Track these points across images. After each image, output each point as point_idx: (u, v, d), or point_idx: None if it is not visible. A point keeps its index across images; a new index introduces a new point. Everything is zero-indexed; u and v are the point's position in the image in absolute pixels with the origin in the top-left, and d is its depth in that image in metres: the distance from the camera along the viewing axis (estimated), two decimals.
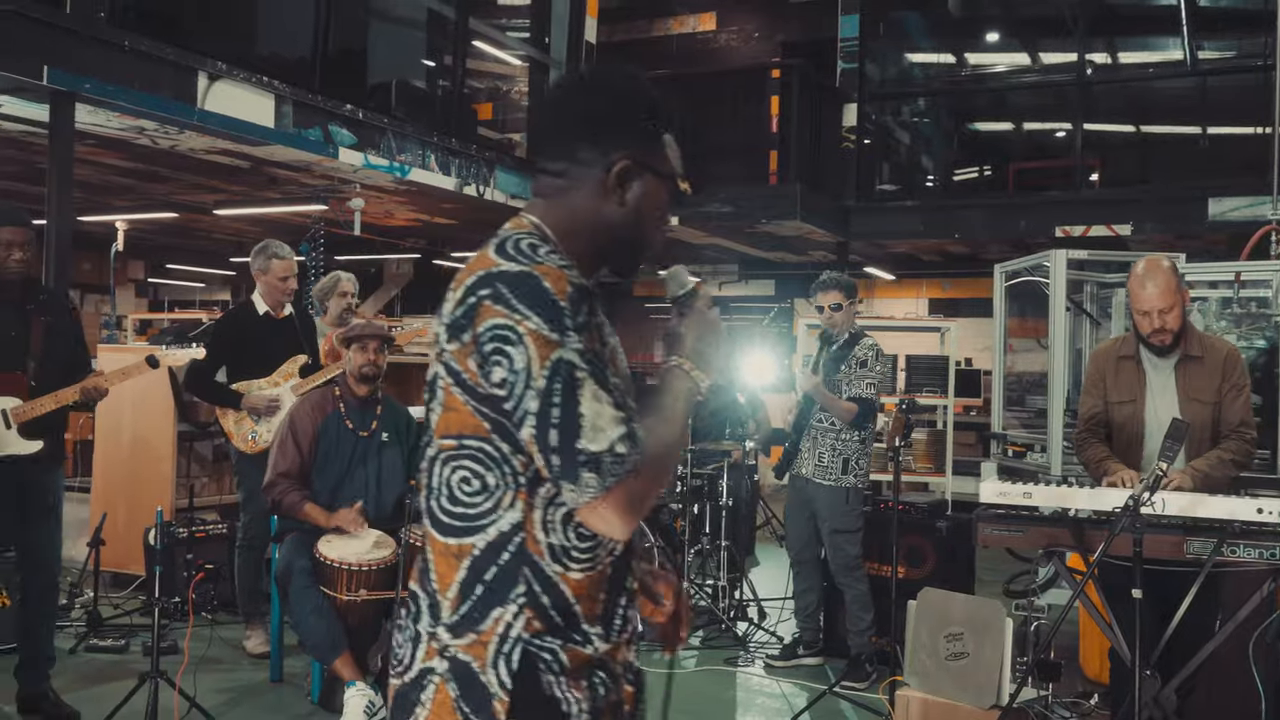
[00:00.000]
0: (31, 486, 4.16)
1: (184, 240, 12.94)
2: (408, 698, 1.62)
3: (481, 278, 1.57)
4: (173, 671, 4.01)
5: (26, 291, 4.19)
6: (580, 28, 9.44)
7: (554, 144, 1.72)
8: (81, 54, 5.55)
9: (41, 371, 4.12)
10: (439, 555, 1.62)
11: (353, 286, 5.99)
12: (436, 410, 1.62)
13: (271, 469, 4.62)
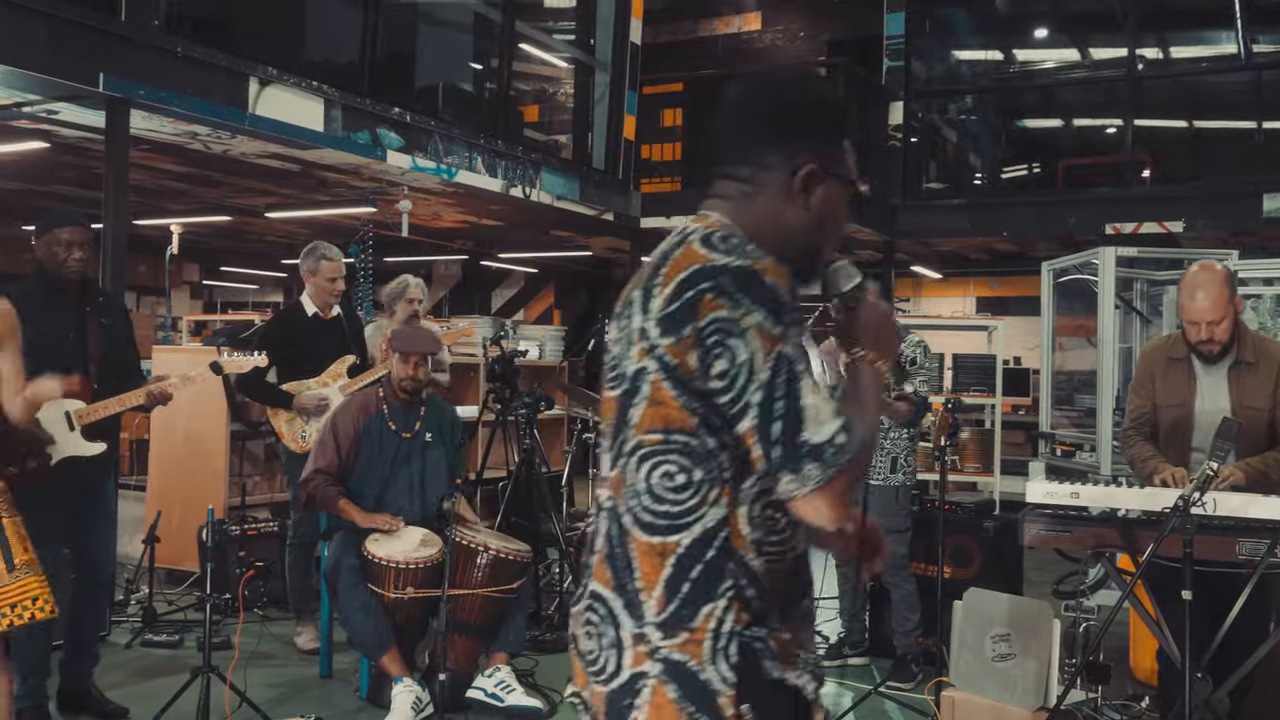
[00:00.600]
0: (90, 487, 4.23)
1: (237, 243, 13.15)
2: (619, 703, 1.63)
3: (698, 271, 1.58)
4: (224, 667, 4.08)
5: (84, 293, 4.26)
6: (625, 29, 9.46)
7: (738, 147, 1.75)
8: (136, 61, 5.66)
9: (101, 374, 4.18)
10: (642, 554, 1.62)
11: (420, 293, 6.06)
12: (640, 405, 1.62)
13: (310, 464, 4.71)
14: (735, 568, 1.60)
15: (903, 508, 5.21)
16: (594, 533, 1.75)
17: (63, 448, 4.05)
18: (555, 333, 9.60)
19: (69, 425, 4.06)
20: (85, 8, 5.43)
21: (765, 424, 1.53)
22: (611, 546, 1.66)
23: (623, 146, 9.53)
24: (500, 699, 4.48)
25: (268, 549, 5.95)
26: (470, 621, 4.51)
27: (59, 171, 8.39)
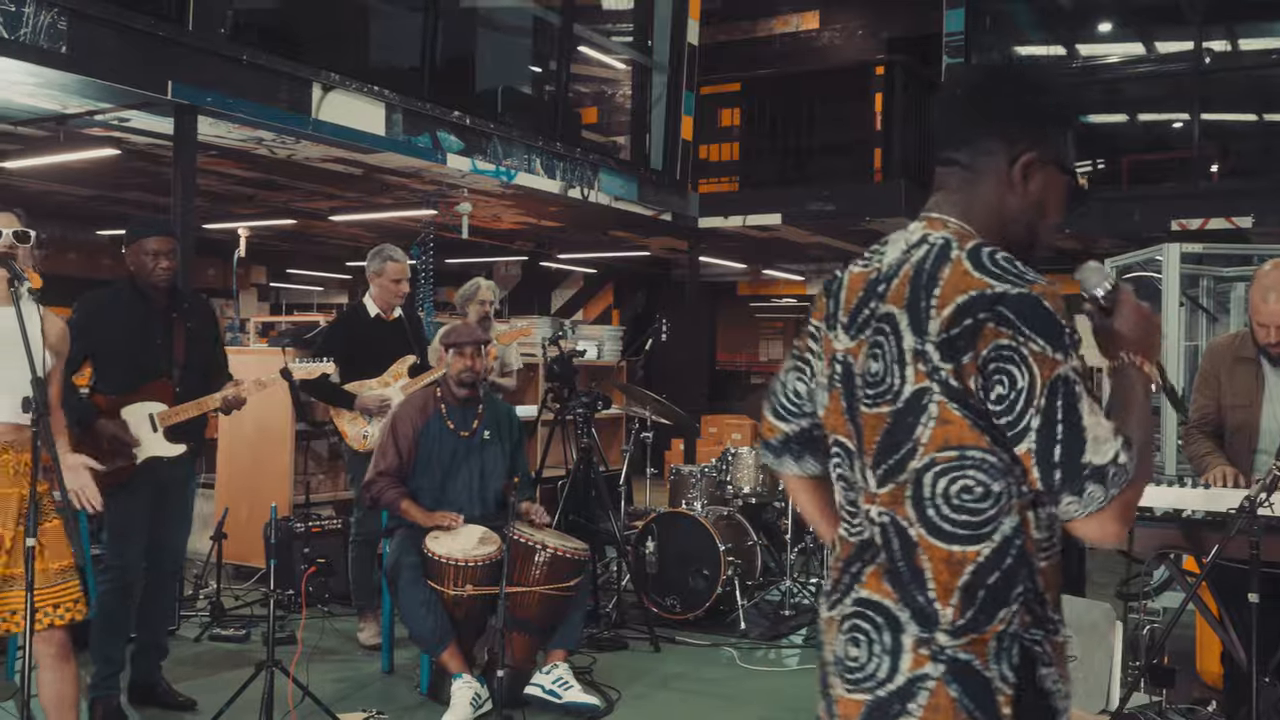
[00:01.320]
0: (169, 485, 4.34)
1: (302, 246, 13.38)
2: (890, 708, 1.65)
3: (976, 300, 1.59)
4: (288, 661, 4.16)
5: (171, 298, 4.37)
6: (683, 30, 9.47)
7: (959, 135, 1.78)
8: (203, 69, 5.79)
9: (184, 377, 4.30)
10: (938, 562, 1.64)
11: (492, 294, 6.14)
12: (928, 425, 1.64)
13: (372, 467, 4.79)
14: (1026, 571, 1.63)
15: None
16: (857, 545, 1.76)
17: (146, 448, 4.18)
18: (613, 332, 9.65)
19: (152, 427, 4.19)
20: (154, 18, 5.57)
21: (1045, 448, 1.55)
22: (894, 560, 1.67)
23: (680, 147, 9.54)
24: (558, 696, 4.51)
25: (331, 546, 6.06)
26: (528, 619, 4.55)
27: (130, 178, 8.59)
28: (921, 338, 1.62)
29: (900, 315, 1.65)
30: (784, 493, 6.27)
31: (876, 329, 1.70)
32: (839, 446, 1.80)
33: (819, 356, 1.85)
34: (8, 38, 4.93)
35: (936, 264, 1.65)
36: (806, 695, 4.95)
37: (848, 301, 1.77)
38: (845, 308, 1.78)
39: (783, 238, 10.67)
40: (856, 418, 1.74)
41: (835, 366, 1.78)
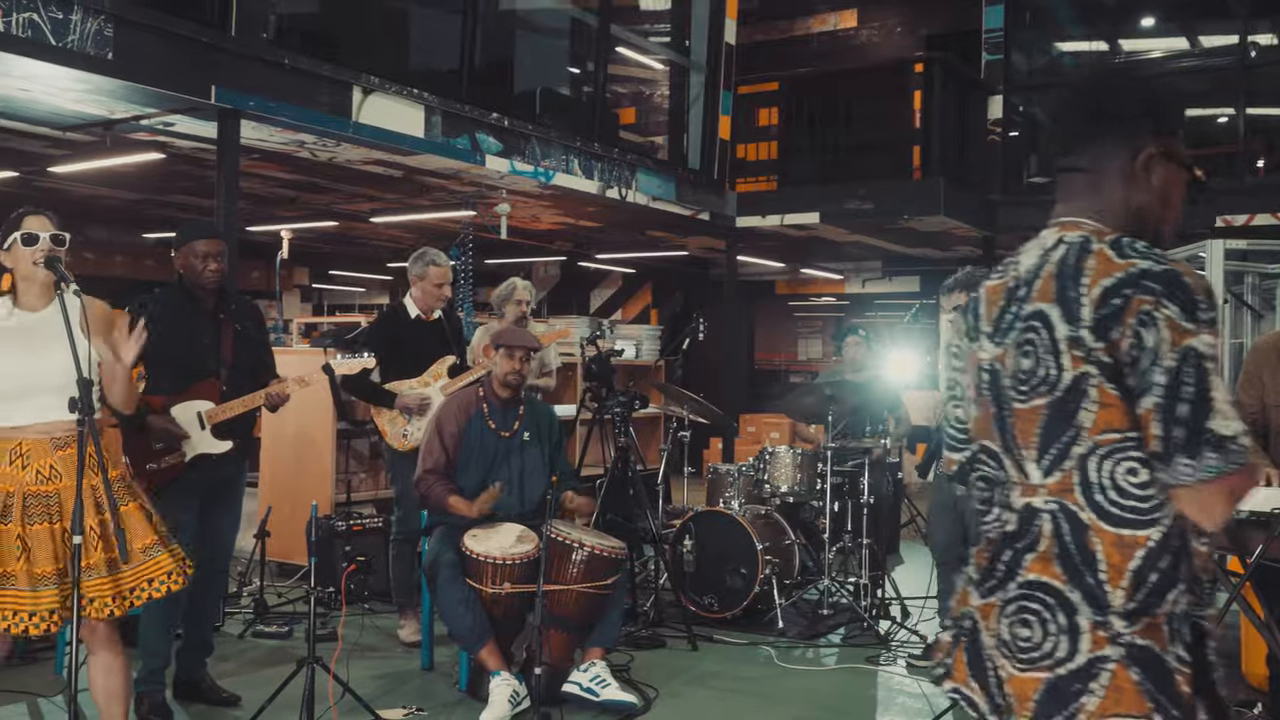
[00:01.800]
0: (219, 483, 4.42)
1: (344, 247, 13.52)
2: (1069, 688, 1.71)
3: (1123, 279, 1.68)
4: (330, 658, 4.21)
5: (220, 300, 4.45)
6: (720, 30, 9.47)
7: (1080, 141, 1.87)
8: (246, 73, 5.87)
9: (231, 376, 4.37)
10: (1109, 546, 1.70)
11: (528, 294, 6.18)
12: (1090, 410, 1.70)
13: (420, 465, 4.83)
14: (1188, 555, 1.70)
15: None
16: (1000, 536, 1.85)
17: (195, 445, 4.28)
18: (652, 332, 9.68)
19: (200, 424, 4.28)
20: (198, 24, 5.66)
21: (1170, 403, 1.62)
22: (1063, 544, 1.74)
23: (718, 146, 9.55)
24: (595, 694, 4.52)
25: (372, 544, 6.12)
26: (566, 617, 4.56)
27: (175, 181, 8.72)
28: (1075, 325, 1.70)
29: (1051, 309, 1.74)
30: (821, 492, 6.25)
31: (1025, 328, 1.78)
32: (984, 451, 1.90)
33: (962, 372, 1.97)
34: (55, 45, 5.03)
35: (1079, 258, 1.74)
36: (845, 694, 4.95)
37: (988, 313, 1.87)
38: (987, 319, 1.88)
39: (821, 236, 10.65)
40: (1007, 418, 1.82)
41: (982, 375, 1.88)
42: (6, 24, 4.85)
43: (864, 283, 13.98)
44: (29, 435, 3.29)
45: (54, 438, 3.31)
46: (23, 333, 3.34)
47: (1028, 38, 10.18)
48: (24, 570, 3.18)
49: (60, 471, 3.29)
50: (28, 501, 3.24)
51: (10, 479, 3.24)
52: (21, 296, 3.39)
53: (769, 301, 15.03)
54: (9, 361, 3.30)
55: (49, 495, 3.27)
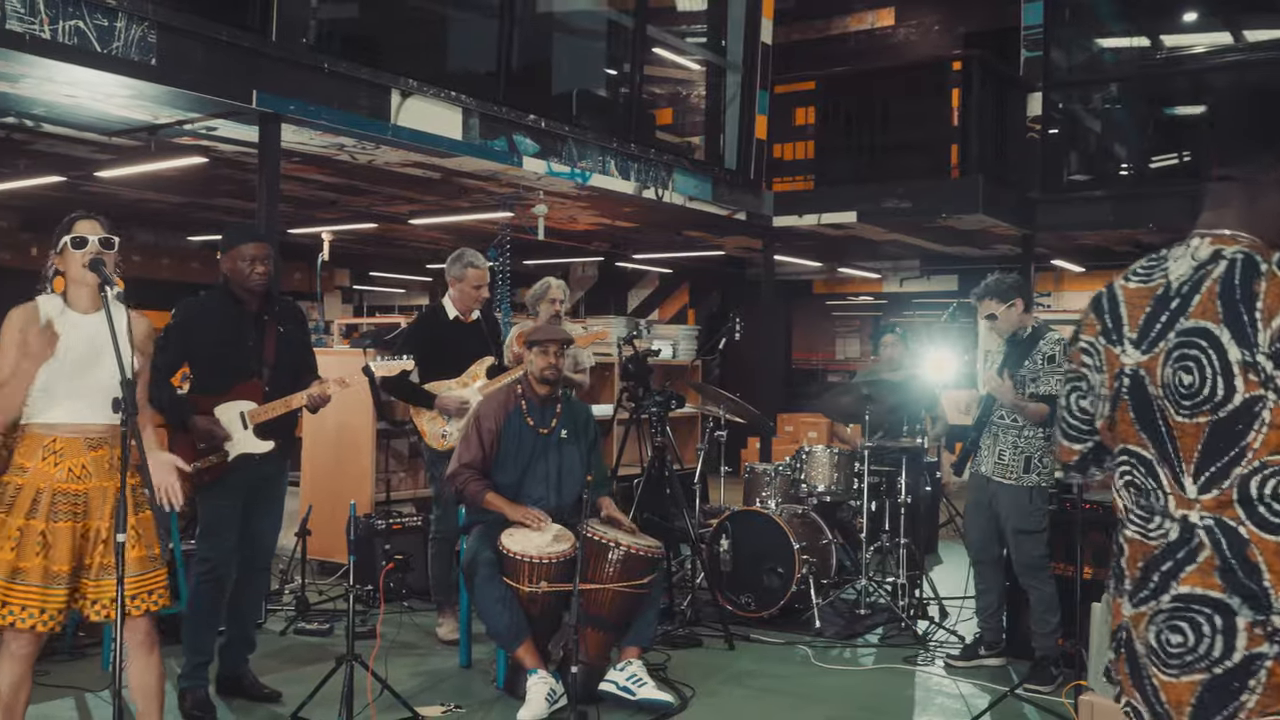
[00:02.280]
0: (261, 482, 4.48)
1: (384, 249, 13.63)
2: (1227, 686, 1.78)
3: None
4: (369, 655, 4.26)
5: (264, 302, 4.52)
6: (756, 30, 9.47)
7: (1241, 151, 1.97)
8: (286, 78, 5.95)
9: (274, 377, 4.44)
10: (1270, 554, 1.77)
11: (562, 293, 6.22)
12: (1260, 430, 1.78)
13: (455, 459, 4.87)
14: None
15: (1038, 508, 5.11)
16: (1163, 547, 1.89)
17: (238, 445, 4.35)
18: (688, 332, 9.68)
19: (243, 424, 4.35)
20: (239, 29, 5.74)
21: None
22: (1224, 558, 1.80)
23: (754, 146, 9.55)
24: (632, 692, 4.54)
25: (411, 543, 6.19)
26: (602, 616, 4.59)
27: (218, 185, 8.84)
28: (1250, 350, 1.75)
29: (1219, 330, 1.78)
30: (858, 491, 6.25)
31: (1183, 343, 1.83)
32: (1130, 455, 1.94)
33: (1096, 370, 2.01)
34: (101, 51, 5.13)
35: (1246, 278, 1.78)
36: (882, 694, 4.94)
37: (1131, 317, 1.92)
38: (1130, 323, 1.92)
39: (858, 235, 10.61)
40: (1157, 428, 1.87)
41: (1123, 380, 1.93)
42: (53, 31, 4.94)
43: (902, 282, 13.90)
44: (63, 433, 3.36)
45: (88, 438, 3.38)
46: (72, 333, 3.41)
47: (1068, 34, 10.08)
48: (40, 566, 3.25)
49: (90, 472, 3.36)
50: (55, 499, 3.31)
51: (42, 475, 3.32)
52: (72, 299, 3.46)
53: (806, 301, 14.99)
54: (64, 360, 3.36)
55: (76, 494, 3.34)
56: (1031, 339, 5.16)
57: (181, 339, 4.37)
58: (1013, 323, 5.18)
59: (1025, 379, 5.09)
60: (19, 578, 3.24)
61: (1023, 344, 5.16)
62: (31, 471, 3.32)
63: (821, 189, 10.03)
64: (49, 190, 9.18)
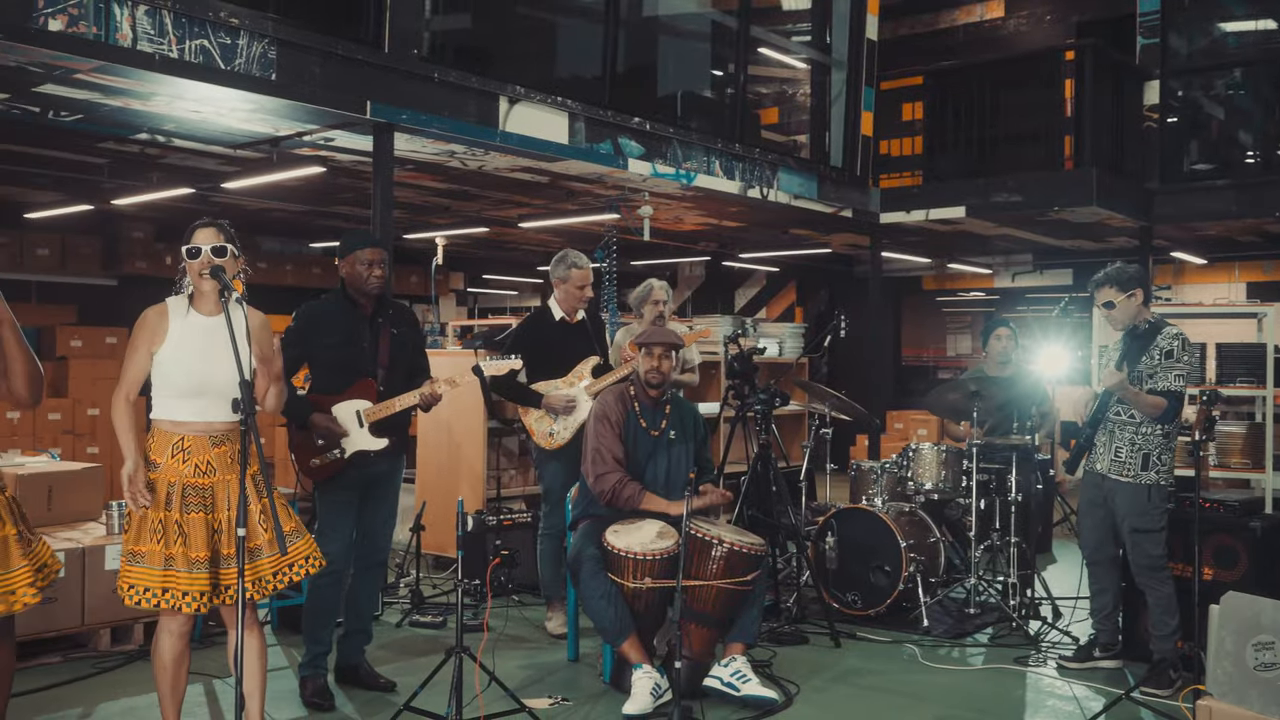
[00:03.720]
0: (376, 478, 4.66)
1: (496, 252, 13.91)
2: None
3: None
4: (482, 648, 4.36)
5: (379, 306, 4.70)
6: (861, 26, 9.40)
7: None
8: (399, 88, 6.15)
9: (388, 377, 4.62)
10: None
11: (665, 294, 6.29)
12: None
13: (598, 459, 4.84)
14: None
15: (1156, 507, 4.98)
16: None
17: (353, 443, 4.53)
18: (795, 330, 9.67)
19: (359, 423, 4.53)
20: (354, 43, 5.96)
21: None
22: None
23: (860, 143, 9.48)
24: (736, 688, 4.57)
25: (521, 539, 6.33)
26: (706, 612, 4.62)
27: (337, 193, 9.16)
28: None
29: None
30: (967, 489, 6.17)
31: None
32: None
33: None
34: (224, 68, 5.38)
35: None
36: (991, 694, 4.89)
37: None
38: None
39: (967, 230, 10.45)
40: None
41: None
42: (180, 51, 5.21)
43: (1014, 276, 13.62)
44: (189, 432, 3.60)
45: (212, 435, 3.62)
46: (203, 334, 3.64)
47: (1186, 19, 9.76)
48: (182, 554, 3.53)
49: (215, 467, 3.60)
50: (186, 492, 3.56)
51: (173, 471, 3.56)
52: (198, 303, 3.68)
53: (916, 297, 14.80)
54: (189, 361, 3.60)
55: (204, 488, 3.58)
56: (1149, 333, 5.03)
57: (301, 341, 4.58)
58: (1130, 314, 5.06)
59: (1143, 374, 4.97)
60: (169, 564, 3.52)
61: (1141, 338, 5.04)
62: (163, 467, 3.57)
63: (930, 184, 9.91)
64: (180, 202, 9.63)
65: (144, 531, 3.54)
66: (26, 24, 4.71)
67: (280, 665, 5.07)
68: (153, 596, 3.52)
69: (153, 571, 3.52)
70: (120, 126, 6.71)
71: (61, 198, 9.97)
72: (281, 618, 5.65)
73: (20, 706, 4.42)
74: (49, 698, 4.52)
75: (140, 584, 3.52)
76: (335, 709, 4.54)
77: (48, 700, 4.50)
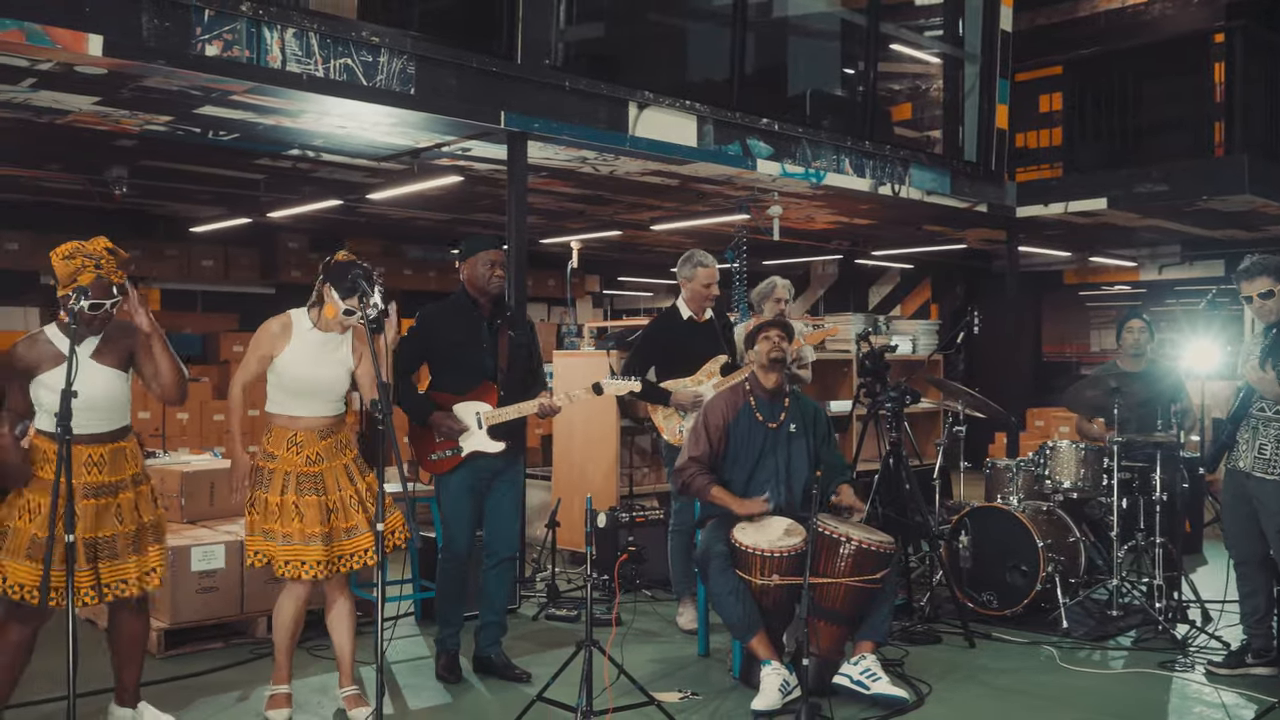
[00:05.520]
0: (493, 476, 4.88)
1: (630, 254, 14.11)
2: None
3: None
4: (615, 642, 4.46)
5: (496, 308, 4.90)
6: (995, 18, 9.21)
7: None
8: (531, 98, 6.34)
9: (506, 380, 4.83)
10: None
11: (787, 292, 6.34)
12: None
13: (683, 454, 5.02)
14: None
15: None
16: None
17: (472, 442, 4.76)
18: (929, 327, 9.54)
19: (478, 424, 4.76)
20: (488, 55, 6.17)
21: None
22: None
23: (995, 136, 9.30)
24: (866, 686, 4.56)
25: (652, 535, 6.44)
26: (834, 609, 4.63)
27: (476, 201, 9.45)
28: None
29: None
30: (1108, 488, 6.01)
31: None
32: None
33: None
34: (367, 85, 5.65)
35: None
36: (1133, 699, 4.76)
37: None
38: None
39: (1109, 222, 10.13)
40: None
41: None
42: (326, 70, 5.49)
43: (1161, 269, 13.11)
44: (302, 427, 4.22)
45: (320, 430, 4.24)
46: (317, 346, 4.23)
47: None
48: (298, 530, 4.14)
49: (323, 457, 4.23)
50: (300, 479, 4.18)
51: (288, 462, 4.18)
52: (323, 318, 4.24)
53: (1057, 292, 14.39)
54: (303, 368, 4.20)
55: (314, 475, 4.20)
56: None
57: (422, 341, 4.85)
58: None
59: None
60: (285, 540, 4.13)
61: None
62: (280, 458, 4.18)
63: (1069, 176, 9.65)
64: (330, 213, 10.09)
65: (268, 512, 4.14)
66: (186, 50, 5.05)
67: (422, 655, 5.30)
68: (277, 566, 4.13)
69: (275, 546, 4.13)
70: (273, 143, 7.10)
71: (223, 212, 10.57)
72: (424, 609, 5.89)
73: (186, 689, 4.75)
74: (211, 681, 4.83)
75: (266, 554, 4.15)
76: (463, 680, 4.89)
77: (210, 683, 4.80)
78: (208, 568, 5.24)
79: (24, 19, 4.61)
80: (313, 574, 4.13)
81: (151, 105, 5.97)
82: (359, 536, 4.22)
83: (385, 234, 12.44)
